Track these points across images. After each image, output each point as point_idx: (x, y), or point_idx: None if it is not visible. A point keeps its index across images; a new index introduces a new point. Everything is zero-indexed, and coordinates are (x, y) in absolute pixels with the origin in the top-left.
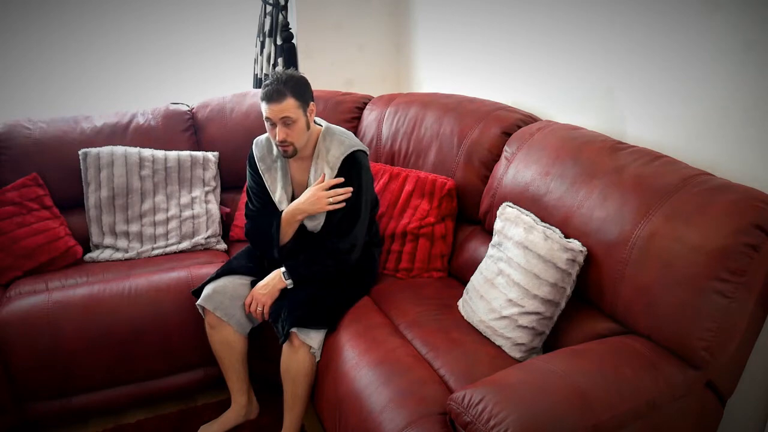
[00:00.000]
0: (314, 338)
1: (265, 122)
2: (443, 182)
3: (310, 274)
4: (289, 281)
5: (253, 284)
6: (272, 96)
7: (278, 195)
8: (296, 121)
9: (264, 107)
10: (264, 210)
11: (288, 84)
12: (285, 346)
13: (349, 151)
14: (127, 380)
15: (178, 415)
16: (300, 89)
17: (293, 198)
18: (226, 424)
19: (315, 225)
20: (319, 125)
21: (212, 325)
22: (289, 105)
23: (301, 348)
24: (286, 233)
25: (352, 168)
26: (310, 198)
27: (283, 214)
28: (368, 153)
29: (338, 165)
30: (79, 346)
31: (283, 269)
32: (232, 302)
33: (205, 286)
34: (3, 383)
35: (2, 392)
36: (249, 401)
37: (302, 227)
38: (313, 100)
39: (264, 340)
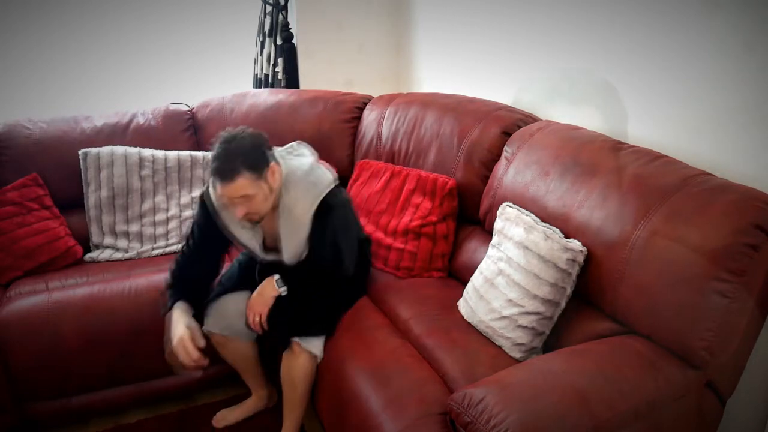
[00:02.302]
0: (315, 344)
1: (220, 198)
2: (445, 181)
3: (303, 281)
4: (283, 288)
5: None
6: (224, 175)
7: (246, 239)
8: (255, 195)
9: (216, 185)
10: (201, 251)
11: (238, 159)
12: (285, 352)
13: (319, 201)
14: (127, 380)
15: (178, 415)
16: (254, 160)
17: (265, 243)
18: (247, 411)
19: (291, 258)
20: (278, 163)
21: (220, 343)
22: (245, 183)
23: (302, 354)
24: None
25: (327, 216)
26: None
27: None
28: (338, 181)
29: (310, 219)
30: (79, 346)
31: (276, 276)
32: (236, 318)
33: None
34: (3, 383)
35: (2, 392)
36: (269, 391)
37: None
38: (273, 160)
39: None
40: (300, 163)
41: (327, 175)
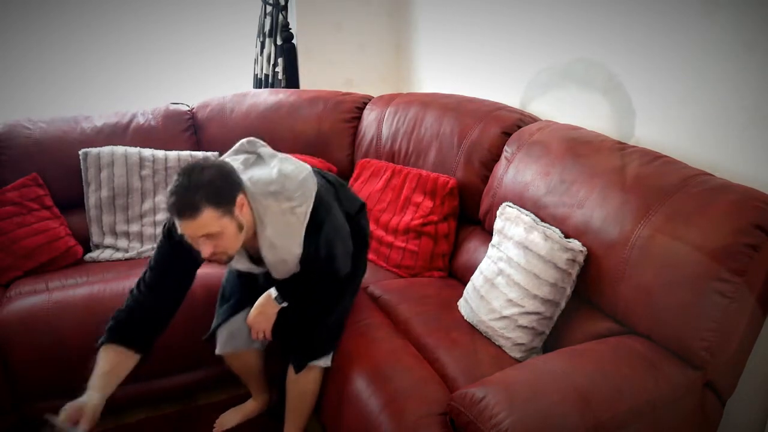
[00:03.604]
0: (326, 358)
1: (183, 235)
2: (445, 180)
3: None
4: (284, 303)
5: None
6: (182, 211)
7: (232, 262)
8: (223, 232)
9: (176, 222)
10: (165, 284)
11: (200, 193)
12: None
13: (305, 226)
14: (128, 380)
15: (178, 415)
16: (217, 193)
17: (251, 257)
18: (247, 414)
19: (282, 276)
20: (245, 193)
21: (233, 357)
22: (208, 219)
23: (313, 369)
24: None
25: (318, 234)
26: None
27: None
28: (316, 184)
29: (300, 244)
30: (79, 346)
31: (274, 294)
32: (249, 335)
33: (215, 329)
34: (3, 383)
35: (2, 392)
36: (269, 394)
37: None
38: (240, 191)
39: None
40: (266, 179)
41: (303, 182)
